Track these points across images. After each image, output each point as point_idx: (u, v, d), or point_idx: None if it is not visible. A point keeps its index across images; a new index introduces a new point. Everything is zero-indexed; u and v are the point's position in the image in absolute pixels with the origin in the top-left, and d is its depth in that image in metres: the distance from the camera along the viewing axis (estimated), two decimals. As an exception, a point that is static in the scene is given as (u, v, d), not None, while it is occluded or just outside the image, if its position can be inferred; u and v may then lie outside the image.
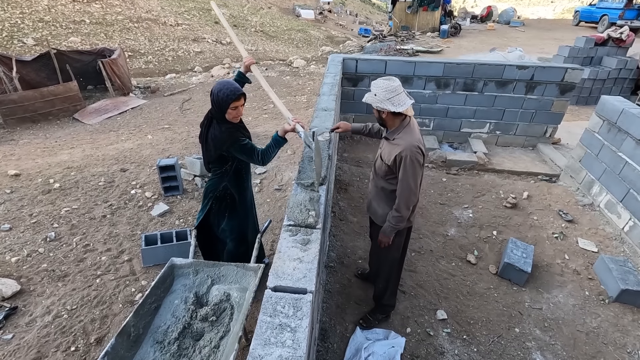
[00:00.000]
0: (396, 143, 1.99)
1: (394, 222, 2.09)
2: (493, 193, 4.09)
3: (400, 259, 2.43)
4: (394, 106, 1.89)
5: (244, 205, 2.46)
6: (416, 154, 1.92)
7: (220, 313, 1.98)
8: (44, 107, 8.97)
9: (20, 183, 4.32)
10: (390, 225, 2.11)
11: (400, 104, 1.90)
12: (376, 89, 1.93)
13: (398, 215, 2.05)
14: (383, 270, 2.42)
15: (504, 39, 14.97)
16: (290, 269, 1.58)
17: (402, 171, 1.95)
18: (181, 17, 21.02)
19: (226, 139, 2.14)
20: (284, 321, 1.33)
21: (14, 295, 2.68)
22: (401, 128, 2.01)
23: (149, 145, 5.77)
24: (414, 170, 1.94)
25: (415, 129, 2.03)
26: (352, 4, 39.33)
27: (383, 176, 2.13)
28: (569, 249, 3.32)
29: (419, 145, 1.94)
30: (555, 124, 5.03)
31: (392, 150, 2.00)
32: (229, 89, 2.09)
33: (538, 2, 34.79)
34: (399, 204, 2.03)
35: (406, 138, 1.95)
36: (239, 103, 2.13)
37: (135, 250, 3.24)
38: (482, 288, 2.93)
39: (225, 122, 2.16)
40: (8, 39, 13.83)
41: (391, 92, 1.90)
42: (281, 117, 7.48)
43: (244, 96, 2.15)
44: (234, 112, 2.13)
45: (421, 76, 4.85)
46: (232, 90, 2.09)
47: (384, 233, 2.16)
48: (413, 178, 1.96)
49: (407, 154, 1.91)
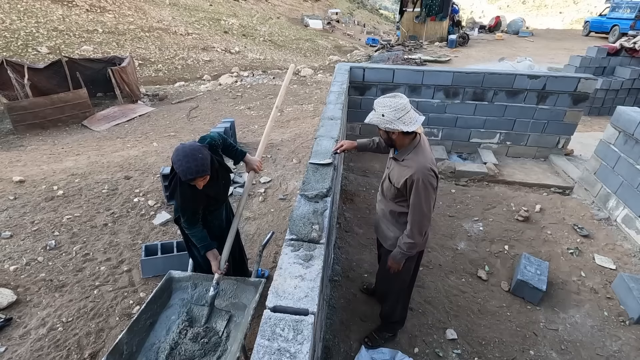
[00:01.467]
0: (406, 165, 1.81)
1: (405, 249, 1.93)
2: (504, 205, 3.96)
3: (411, 281, 2.28)
4: (405, 126, 1.71)
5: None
6: (429, 176, 1.76)
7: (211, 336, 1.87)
8: (54, 113, 9.06)
9: (24, 189, 4.30)
10: (401, 252, 1.95)
11: (412, 122, 1.72)
12: (383, 108, 1.74)
13: (410, 242, 1.89)
14: (392, 293, 2.28)
15: (513, 49, 14.88)
16: (291, 287, 1.48)
17: (414, 196, 1.78)
18: (191, 26, 21.35)
19: (177, 200, 2.01)
20: (283, 345, 1.24)
21: (9, 306, 2.61)
22: (411, 148, 1.83)
23: (154, 153, 5.75)
24: (427, 194, 1.77)
25: (426, 148, 1.86)
26: (360, 14, 39.69)
27: (392, 199, 1.97)
28: (585, 265, 3.17)
29: (432, 167, 1.77)
30: (568, 134, 4.89)
31: (402, 172, 1.83)
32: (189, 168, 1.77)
33: (547, 13, 34.69)
34: (412, 230, 1.86)
35: (417, 159, 1.78)
36: (197, 182, 1.85)
37: (135, 260, 3.17)
38: (494, 306, 2.79)
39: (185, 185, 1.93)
40: (23, 47, 14.13)
41: (401, 110, 1.72)
42: (287, 125, 7.44)
43: (202, 177, 1.84)
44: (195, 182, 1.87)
45: (430, 85, 4.77)
46: (185, 171, 1.77)
47: (394, 259, 2.00)
48: (426, 203, 1.79)
49: (419, 177, 1.74)
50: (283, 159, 5.28)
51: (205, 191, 1.98)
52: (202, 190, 1.95)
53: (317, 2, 38.28)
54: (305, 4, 37.01)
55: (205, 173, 1.83)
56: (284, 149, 5.70)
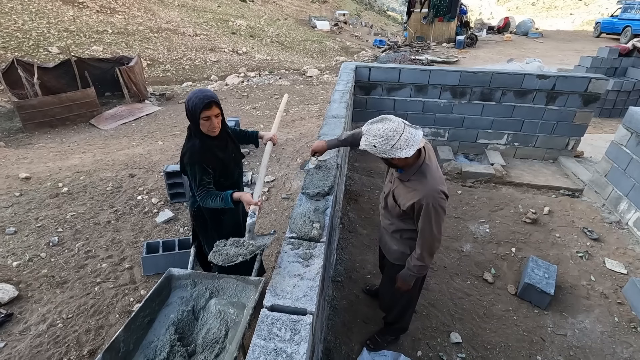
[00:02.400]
0: (413, 187, 1.66)
1: (415, 271, 1.83)
2: (511, 207, 3.88)
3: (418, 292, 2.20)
4: (402, 151, 1.52)
5: (217, 231, 2.21)
6: (439, 200, 1.61)
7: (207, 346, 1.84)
8: (62, 112, 9.17)
9: (29, 186, 4.33)
10: (410, 274, 1.86)
11: (408, 145, 1.52)
12: (372, 139, 1.55)
13: (421, 265, 1.80)
14: (397, 305, 2.21)
15: (522, 50, 14.72)
16: (289, 287, 1.45)
17: (423, 220, 1.66)
18: (199, 27, 21.51)
19: (185, 157, 1.95)
20: (279, 346, 1.20)
21: (10, 302, 2.61)
22: (416, 167, 1.66)
23: (159, 151, 5.76)
24: (437, 218, 1.64)
25: (433, 166, 1.69)
26: (368, 15, 39.67)
27: (397, 216, 1.85)
28: (595, 269, 3.08)
29: (442, 189, 1.63)
30: (578, 136, 4.79)
31: (409, 195, 1.68)
32: (197, 97, 1.84)
33: (556, 14, 34.28)
34: (422, 254, 1.76)
35: (425, 182, 1.63)
36: (210, 112, 1.85)
37: (136, 257, 3.16)
38: (500, 310, 2.72)
39: (197, 135, 1.93)
40: (34, 47, 14.35)
41: (392, 137, 1.51)
42: (292, 125, 7.42)
43: (216, 104, 1.86)
44: (207, 123, 1.88)
45: (436, 85, 4.70)
46: (201, 97, 1.83)
47: (404, 280, 1.91)
48: (437, 226, 1.66)
49: (428, 202, 1.61)
50: (287, 158, 5.26)
51: (214, 151, 1.98)
52: (212, 149, 1.96)
53: (325, 3, 38.35)
54: (313, 6, 37.10)
55: (218, 100, 1.89)
56: (289, 148, 5.68)
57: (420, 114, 4.88)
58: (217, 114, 1.90)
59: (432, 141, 5.08)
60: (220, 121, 1.95)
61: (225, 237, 2.13)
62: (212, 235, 2.19)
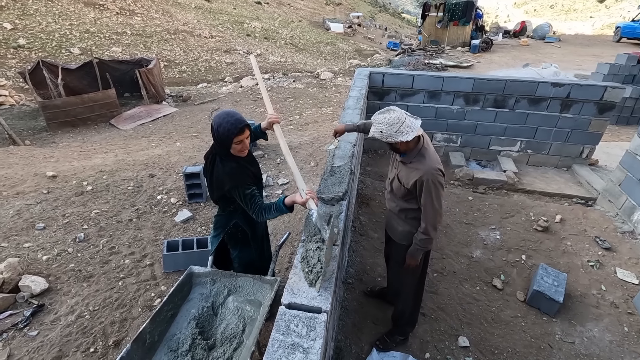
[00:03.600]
0: (414, 167, 1.95)
1: (422, 245, 2.06)
2: (523, 215, 3.90)
3: (421, 278, 2.36)
4: (404, 136, 1.83)
5: (255, 240, 2.32)
6: (437, 176, 1.90)
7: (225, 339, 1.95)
8: (84, 112, 9.50)
9: (56, 184, 4.54)
10: (417, 248, 2.08)
11: (409, 131, 1.83)
12: (379, 125, 1.87)
13: (427, 237, 2.02)
14: (404, 291, 2.35)
15: (538, 55, 14.53)
16: (305, 286, 1.55)
17: (425, 195, 1.93)
18: (215, 29, 21.88)
19: (227, 182, 1.93)
20: (296, 341, 1.30)
21: (42, 293, 2.79)
22: (416, 151, 1.96)
23: (177, 152, 5.95)
24: (436, 192, 1.92)
25: (430, 149, 1.99)
26: (382, 17, 39.59)
27: (402, 197, 2.10)
28: (606, 279, 3.09)
29: (439, 167, 1.92)
30: (592, 144, 4.77)
31: (411, 174, 1.96)
32: (229, 122, 1.85)
33: (576, 17, 33.61)
34: (427, 227, 1.99)
35: (424, 162, 1.92)
36: (243, 136, 1.90)
37: (157, 255, 3.31)
38: (508, 316, 2.77)
39: (230, 158, 1.96)
40: (57, 48, 14.85)
41: (395, 124, 1.83)
42: (306, 128, 7.54)
43: (248, 127, 1.92)
44: (239, 146, 1.92)
45: (449, 91, 4.75)
46: (233, 123, 1.85)
47: (412, 255, 2.13)
48: (437, 200, 1.93)
49: (428, 178, 1.89)
50: (301, 161, 5.37)
51: (248, 167, 2.03)
52: (246, 166, 2.01)
53: (339, 5, 38.46)
54: (327, 8, 37.27)
55: (247, 123, 1.91)
56: (302, 151, 5.79)
57: (433, 119, 4.93)
58: (248, 136, 1.95)
59: (444, 147, 5.12)
60: (249, 141, 2.00)
61: (259, 246, 2.30)
62: (250, 245, 2.31)
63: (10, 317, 2.58)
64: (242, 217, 2.16)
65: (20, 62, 13.09)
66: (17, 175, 4.88)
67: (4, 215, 3.79)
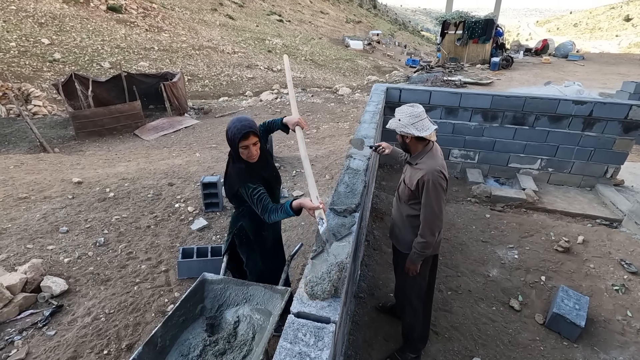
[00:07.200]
0: (419, 167, 2.01)
1: (419, 249, 2.06)
2: (543, 234, 3.79)
3: (428, 289, 2.33)
4: (418, 131, 1.93)
5: (261, 249, 2.29)
6: (438, 178, 1.94)
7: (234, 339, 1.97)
8: (110, 122, 9.94)
9: (81, 190, 4.73)
10: (416, 253, 2.08)
11: (424, 129, 1.94)
12: (400, 114, 2.00)
13: (423, 241, 2.03)
14: (409, 302, 2.31)
15: (561, 73, 14.30)
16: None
17: (425, 196, 1.97)
18: (238, 45, 22.62)
19: (236, 181, 1.99)
20: (304, 350, 1.30)
21: (61, 294, 2.88)
22: (424, 153, 2.04)
23: (197, 163, 6.10)
24: (437, 194, 1.95)
25: (437, 154, 2.04)
26: (401, 35, 39.98)
27: (406, 201, 2.14)
28: (633, 304, 2.94)
29: (441, 170, 1.96)
30: (617, 163, 4.61)
31: (415, 174, 2.02)
32: (236, 127, 1.88)
33: (601, 36, 33.01)
34: (424, 229, 2.01)
35: (428, 162, 1.98)
36: (248, 142, 1.91)
37: (172, 261, 3.37)
38: (526, 339, 2.66)
39: (240, 161, 2.00)
40: (89, 62, 15.68)
41: (415, 117, 1.95)
42: (322, 142, 7.61)
43: (253, 133, 1.91)
44: (245, 151, 1.94)
45: (467, 108, 4.73)
46: (239, 127, 1.88)
47: (411, 261, 2.13)
48: (437, 202, 1.96)
49: (429, 178, 1.93)
50: (316, 174, 5.41)
51: (258, 171, 2.05)
52: (256, 170, 2.03)
53: (359, 24, 39.16)
54: (347, 26, 38.00)
55: (256, 130, 1.94)
56: (318, 164, 5.84)
57: (450, 135, 4.90)
58: (255, 142, 1.95)
59: (462, 163, 5.06)
60: (258, 149, 2.00)
61: (267, 252, 2.28)
62: (255, 250, 2.31)
63: (30, 316, 2.68)
64: (248, 220, 2.20)
65: (55, 74, 13.86)
66: (45, 180, 5.11)
67: (31, 219, 3.96)
